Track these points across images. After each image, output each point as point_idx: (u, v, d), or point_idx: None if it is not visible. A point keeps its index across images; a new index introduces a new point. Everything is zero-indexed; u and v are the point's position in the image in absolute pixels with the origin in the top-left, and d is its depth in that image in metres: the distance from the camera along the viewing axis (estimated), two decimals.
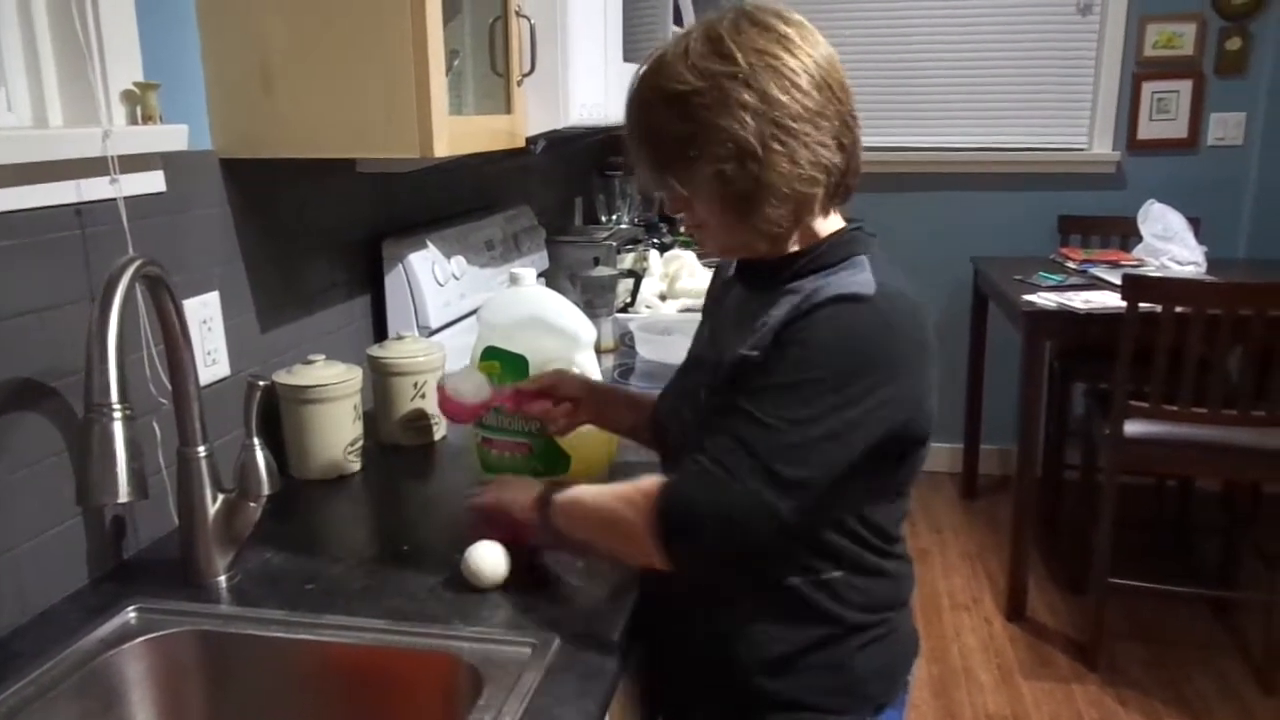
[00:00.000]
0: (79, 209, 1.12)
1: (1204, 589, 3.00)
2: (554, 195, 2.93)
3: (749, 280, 1.14)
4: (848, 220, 1.11)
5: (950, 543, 3.48)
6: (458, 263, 1.98)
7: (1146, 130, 3.66)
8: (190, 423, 1.12)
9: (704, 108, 0.98)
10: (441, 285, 1.89)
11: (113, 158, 1.12)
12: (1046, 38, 3.68)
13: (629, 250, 2.72)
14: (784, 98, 0.98)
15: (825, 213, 1.08)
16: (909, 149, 3.81)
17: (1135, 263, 3.18)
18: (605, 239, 2.65)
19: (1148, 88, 3.62)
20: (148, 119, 1.20)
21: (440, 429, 1.66)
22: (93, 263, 1.14)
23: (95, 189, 1.13)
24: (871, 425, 0.99)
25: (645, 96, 1.04)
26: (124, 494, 0.88)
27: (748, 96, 0.97)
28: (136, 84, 1.18)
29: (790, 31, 1.00)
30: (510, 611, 1.09)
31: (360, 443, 1.53)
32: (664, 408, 1.22)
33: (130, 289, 0.92)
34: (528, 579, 1.15)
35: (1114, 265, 3.17)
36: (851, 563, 1.07)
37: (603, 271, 2.28)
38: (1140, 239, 3.23)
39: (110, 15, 1.15)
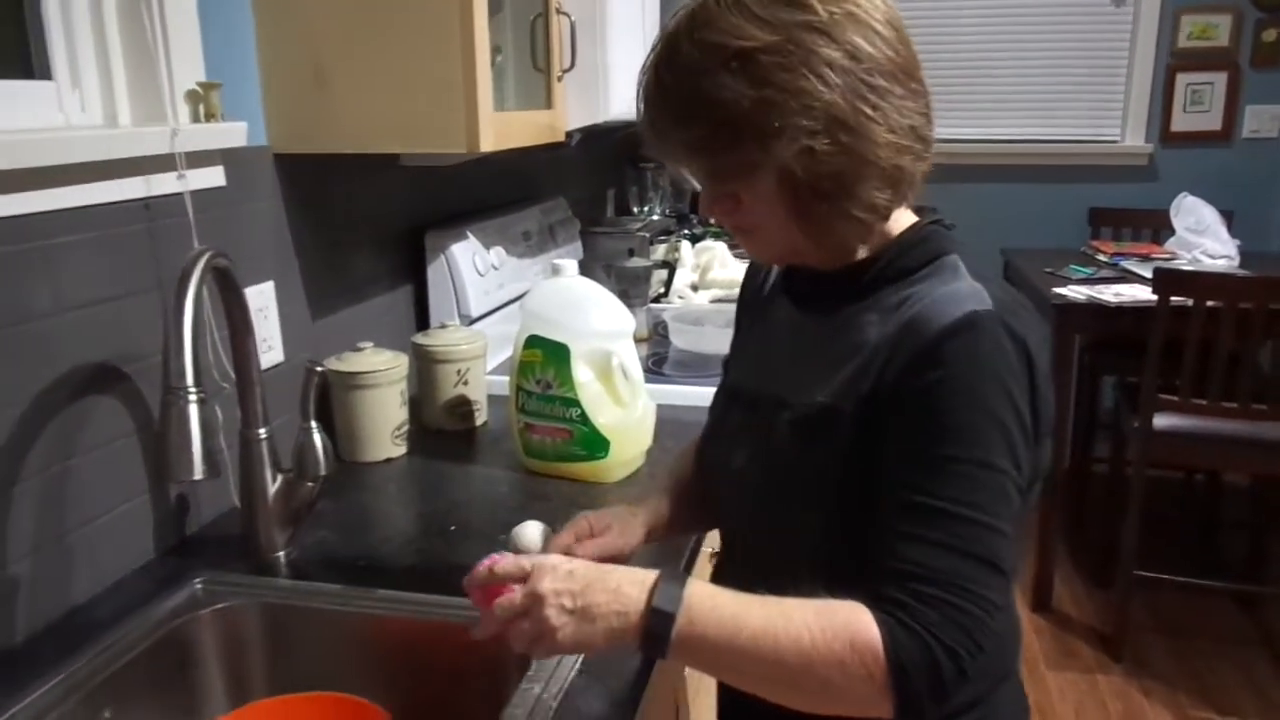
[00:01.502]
0: (148, 203, 1.18)
1: (1230, 583, 3.01)
2: (587, 187, 2.98)
3: (808, 299, 0.96)
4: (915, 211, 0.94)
5: None
6: (497, 253, 2.03)
7: (1180, 122, 3.65)
8: (253, 406, 1.18)
9: (780, 67, 0.78)
10: (481, 275, 1.95)
11: (180, 154, 1.18)
12: (1080, 29, 3.67)
13: (661, 241, 2.77)
14: (872, 50, 0.80)
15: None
16: (939, 140, 3.81)
17: (1167, 256, 3.19)
18: (639, 230, 2.70)
19: (1182, 79, 3.61)
20: (210, 117, 1.25)
21: (482, 414, 1.72)
22: (160, 254, 1.21)
23: (163, 184, 1.19)
24: (1029, 460, 0.83)
25: (692, 61, 0.81)
26: (199, 472, 0.94)
27: (832, 51, 0.79)
28: (200, 84, 1.24)
29: None
30: None
31: (406, 427, 1.59)
32: (712, 454, 1.04)
33: (202, 279, 0.98)
34: None
35: (1145, 258, 3.18)
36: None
37: (637, 262, 2.33)
38: (1172, 232, 3.23)
39: (175, 18, 1.20)
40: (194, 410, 0.94)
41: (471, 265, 1.91)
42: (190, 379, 0.94)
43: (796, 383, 0.91)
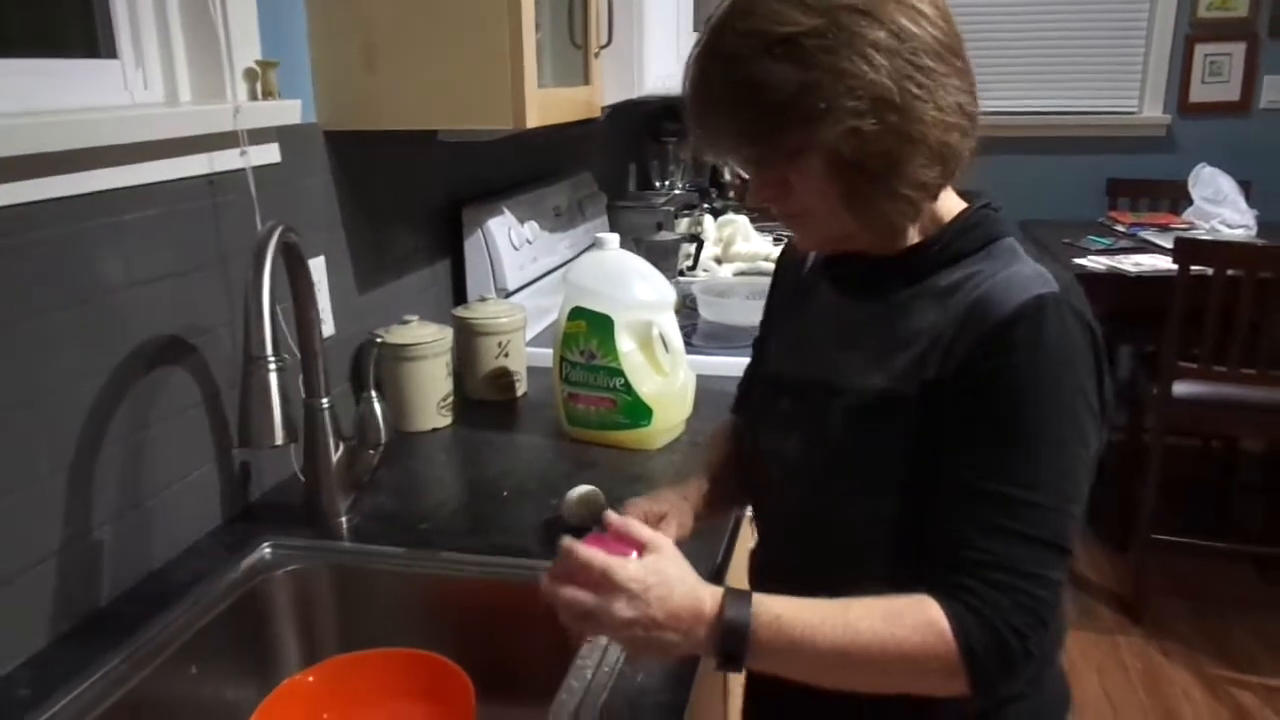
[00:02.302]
0: (211, 179, 1.22)
1: (1246, 546, 3.05)
2: (610, 161, 3.00)
3: (855, 284, 0.95)
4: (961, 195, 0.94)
5: None
6: (530, 227, 2.06)
7: (1198, 93, 3.66)
8: (315, 376, 1.22)
9: (824, 50, 0.78)
10: (517, 249, 1.98)
11: (242, 131, 1.21)
12: (1099, 0, 3.67)
13: (685, 215, 2.80)
14: (916, 30, 0.80)
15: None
16: None
17: (1185, 226, 3.21)
18: (663, 204, 2.73)
19: (1200, 50, 3.61)
20: (267, 94, 1.29)
21: (522, 385, 1.76)
22: (222, 230, 1.24)
23: (225, 161, 1.22)
24: (1097, 438, 0.84)
25: (736, 49, 0.81)
26: (279, 438, 0.98)
27: (877, 32, 0.79)
28: (258, 61, 1.27)
29: None
30: None
31: (451, 398, 1.63)
32: (762, 443, 1.02)
33: (277, 253, 1.02)
34: None
35: (1163, 229, 3.20)
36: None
37: (665, 236, 2.36)
38: (1190, 202, 3.25)
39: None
40: (274, 379, 0.98)
41: (507, 239, 1.95)
42: (270, 349, 0.98)
43: (848, 369, 0.91)
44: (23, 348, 0.97)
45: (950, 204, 0.91)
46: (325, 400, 1.24)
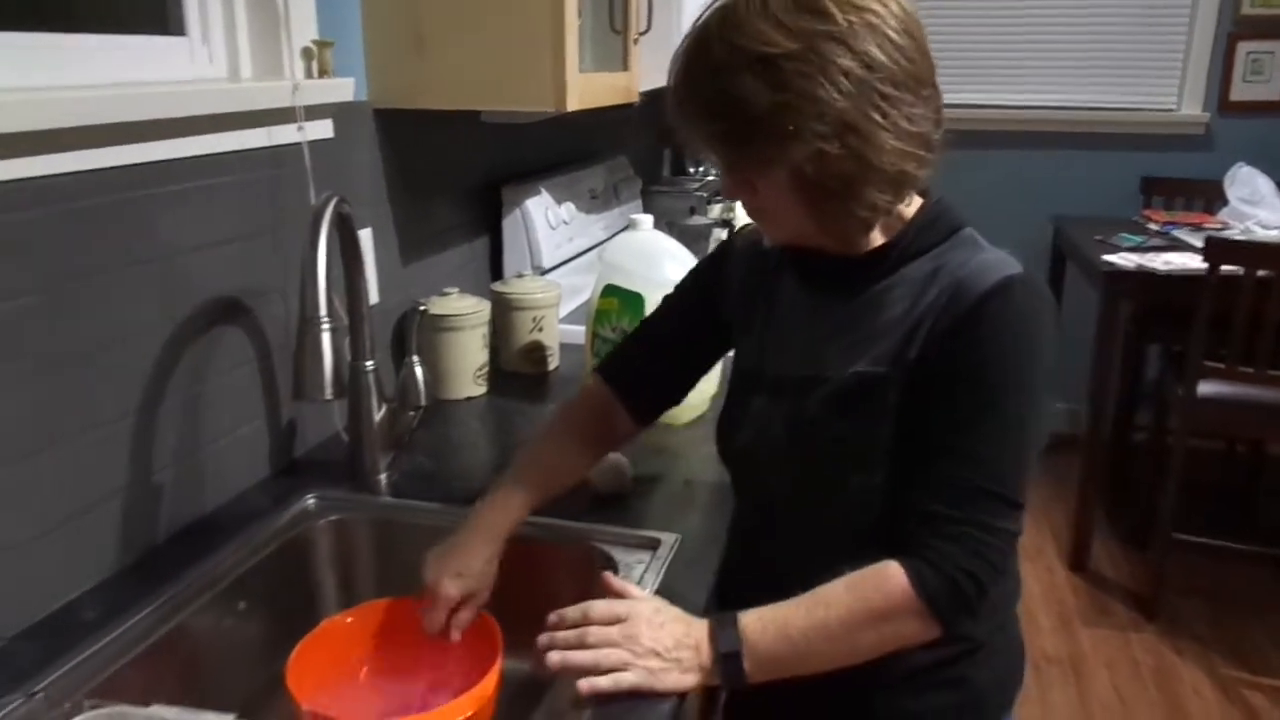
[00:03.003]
0: (269, 152, 1.29)
1: (1267, 548, 3.06)
2: (645, 146, 3.06)
3: (826, 283, 1.01)
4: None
5: None
6: (567, 208, 2.13)
7: (1239, 92, 3.64)
8: (362, 340, 1.30)
9: (799, 74, 0.83)
10: (553, 229, 2.05)
11: (299, 107, 1.28)
12: None
13: (717, 201, 2.85)
14: (885, 59, 0.85)
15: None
16: (992, 106, 3.84)
17: (1219, 226, 3.20)
18: (697, 190, 2.78)
19: (1243, 48, 3.59)
20: (323, 73, 1.36)
21: (554, 360, 1.82)
22: (279, 200, 1.32)
23: (282, 135, 1.30)
24: (1045, 410, 0.93)
25: (719, 60, 0.86)
26: (329, 393, 1.06)
27: (848, 60, 0.83)
28: (315, 41, 1.34)
29: None
30: (638, 512, 1.26)
31: (486, 368, 1.70)
32: (739, 439, 1.07)
33: (332, 221, 1.09)
34: None
35: (1197, 228, 3.20)
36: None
37: (698, 220, 2.42)
38: (1226, 202, 3.25)
39: None
40: (326, 338, 1.05)
41: (544, 219, 2.01)
42: (324, 310, 1.05)
43: (828, 362, 0.98)
44: (97, 301, 1.05)
45: (911, 201, 0.97)
46: (370, 363, 1.31)
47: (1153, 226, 3.32)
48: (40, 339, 0.98)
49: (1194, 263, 2.73)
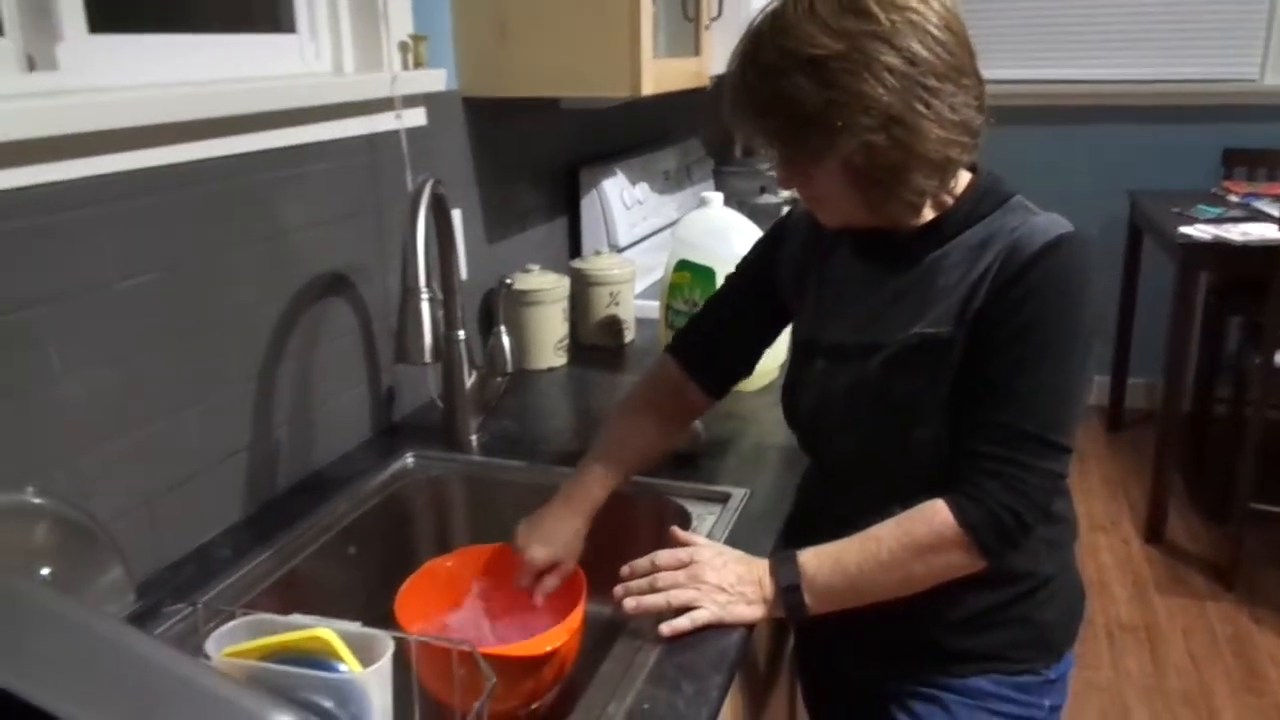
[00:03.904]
0: (370, 139, 1.41)
1: None
2: (718, 128, 3.13)
3: (881, 255, 1.07)
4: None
5: (1093, 470, 3.57)
6: (641, 189, 2.22)
7: None
8: (454, 312, 1.41)
9: (846, 73, 0.90)
10: (628, 209, 2.14)
11: (397, 97, 1.40)
12: None
13: None
14: (927, 54, 0.91)
15: None
16: (1066, 81, 3.81)
17: None
18: (768, 170, 2.84)
19: None
20: (418, 65, 1.47)
21: (630, 333, 1.92)
22: (378, 183, 1.43)
23: (382, 123, 1.41)
24: (1092, 361, 0.99)
25: (771, 62, 0.93)
26: (429, 356, 1.16)
27: (892, 57, 0.90)
28: (411, 35, 1.45)
29: None
30: (710, 470, 1.35)
31: (566, 341, 1.80)
32: (803, 404, 1.14)
33: (428, 203, 1.20)
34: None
35: (1279, 199, 3.15)
36: (1046, 516, 1.03)
37: (768, 199, 2.49)
38: None
39: None
40: (426, 307, 1.16)
41: (620, 200, 2.11)
42: (423, 281, 1.16)
43: (888, 328, 1.04)
44: (223, 274, 1.17)
45: (961, 176, 1.03)
46: (461, 333, 1.42)
47: (1233, 198, 3.27)
48: (180, 308, 1.11)
49: (1272, 233, 2.70)
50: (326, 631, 0.79)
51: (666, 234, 2.28)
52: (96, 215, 1.00)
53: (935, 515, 0.97)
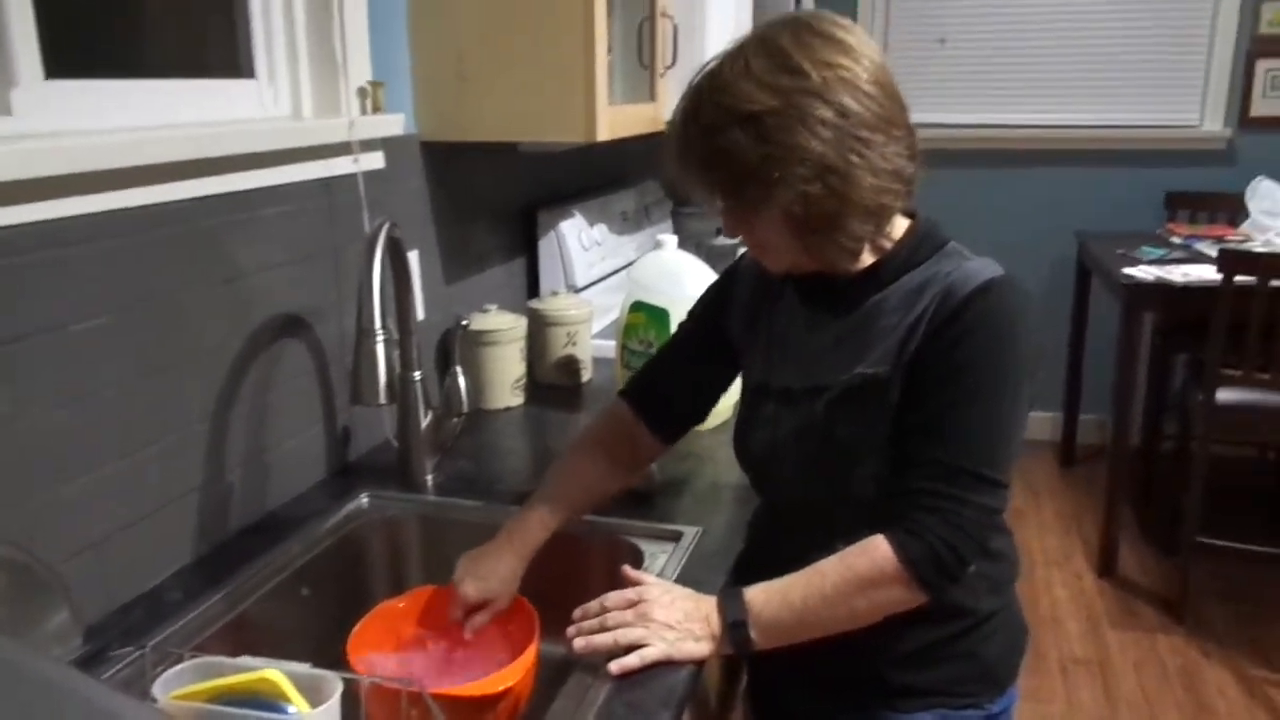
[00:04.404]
0: (327, 182, 1.42)
1: None
2: None
3: (824, 300, 1.10)
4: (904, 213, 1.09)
5: (1046, 505, 3.63)
6: (599, 230, 2.26)
7: (1260, 108, 3.69)
8: (410, 352, 1.42)
9: (781, 127, 0.94)
10: (586, 250, 2.17)
11: (355, 142, 1.42)
12: (1158, 15, 3.74)
13: None
14: (858, 107, 0.95)
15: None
16: (1018, 125, 3.92)
17: (1241, 239, 3.26)
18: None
19: (1261, 65, 3.65)
20: (375, 109, 1.49)
21: (587, 372, 1.94)
22: (335, 225, 1.45)
23: (339, 166, 1.43)
24: (1028, 399, 1.02)
25: (710, 119, 0.97)
26: (383, 398, 1.18)
27: (825, 111, 0.94)
28: (369, 82, 1.48)
29: (850, 39, 0.98)
30: (664, 509, 1.36)
31: (523, 380, 1.82)
32: (754, 443, 1.17)
33: (386, 244, 1.22)
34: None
35: (1219, 241, 3.25)
36: (983, 551, 1.04)
37: (725, 241, 2.53)
38: (1249, 216, 3.30)
39: (352, 30, 1.44)
40: (380, 348, 1.17)
41: (578, 241, 2.14)
42: (378, 324, 1.17)
43: (831, 370, 1.07)
44: (180, 316, 1.18)
45: (897, 222, 1.08)
46: (417, 374, 1.43)
47: (1175, 240, 3.38)
48: (136, 349, 1.12)
49: (1210, 274, 2.79)
50: (275, 673, 0.80)
51: (624, 274, 2.32)
52: (53, 258, 1.01)
53: (876, 550, 1.00)
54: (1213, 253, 3.08)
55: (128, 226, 1.10)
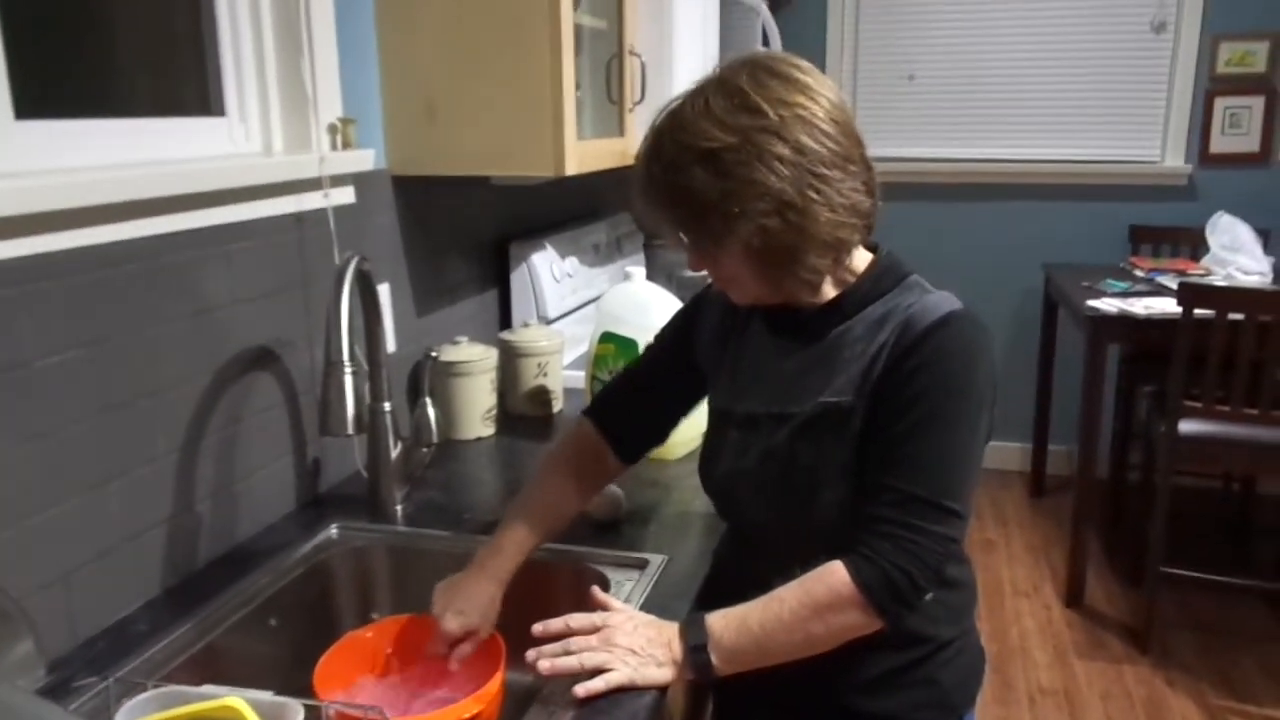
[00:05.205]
0: (298, 217, 1.44)
1: (1257, 581, 3.14)
2: None
3: (790, 329, 1.13)
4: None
5: (1015, 536, 3.67)
6: (571, 262, 2.28)
7: (1219, 144, 3.79)
8: (380, 384, 1.44)
9: (740, 164, 0.97)
10: (558, 281, 2.20)
11: (325, 177, 1.44)
12: (1121, 54, 3.84)
13: None
14: (815, 145, 0.98)
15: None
16: (986, 160, 4.00)
17: (1202, 272, 3.33)
18: None
19: (1220, 103, 3.75)
20: (346, 145, 1.52)
21: (558, 403, 1.96)
22: (306, 259, 1.47)
23: (310, 201, 1.46)
24: (986, 431, 1.05)
25: (671, 157, 1.00)
26: (351, 428, 1.19)
27: (782, 148, 0.97)
28: (340, 119, 1.51)
29: (808, 79, 1.01)
30: (631, 537, 1.38)
31: (494, 411, 1.84)
32: (719, 470, 1.18)
33: (354, 278, 1.24)
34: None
35: (1181, 274, 3.32)
36: (939, 579, 1.06)
37: (694, 273, 2.56)
38: (1209, 250, 3.38)
39: (322, 67, 1.47)
40: (349, 380, 1.19)
41: (549, 273, 2.16)
42: (346, 355, 1.19)
43: (795, 399, 1.10)
44: (149, 350, 1.19)
45: (860, 255, 1.11)
46: (387, 405, 1.45)
47: (1138, 273, 3.45)
48: (103, 384, 1.13)
49: (1172, 307, 2.85)
50: (237, 700, 0.81)
51: (595, 306, 2.34)
52: (20, 294, 1.02)
53: (833, 575, 1.02)
54: (1174, 286, 3.15)
55: (96, 263, 1.11)
